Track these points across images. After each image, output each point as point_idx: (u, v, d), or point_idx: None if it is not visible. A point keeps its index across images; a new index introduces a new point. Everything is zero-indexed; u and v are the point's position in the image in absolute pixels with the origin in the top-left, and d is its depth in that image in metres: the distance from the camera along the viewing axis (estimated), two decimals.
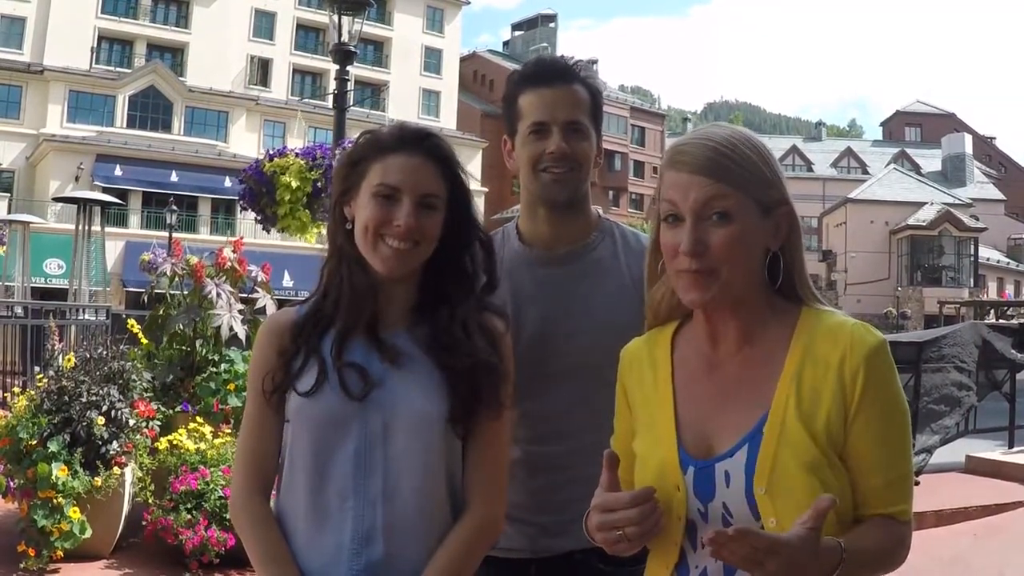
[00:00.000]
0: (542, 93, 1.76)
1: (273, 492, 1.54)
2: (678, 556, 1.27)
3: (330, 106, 7.82)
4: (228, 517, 3.88)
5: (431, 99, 45.85)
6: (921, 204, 46.06)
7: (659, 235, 1.29)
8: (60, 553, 4.00)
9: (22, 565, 3.95)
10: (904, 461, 1.22)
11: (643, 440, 1.34)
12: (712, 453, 1.25)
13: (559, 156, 1.74)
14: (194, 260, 5.40)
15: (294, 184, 5.86)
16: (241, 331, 5.10)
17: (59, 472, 4.00)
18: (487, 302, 1.56)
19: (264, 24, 41.01)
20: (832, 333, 1.23)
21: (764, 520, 1.17)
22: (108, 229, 17.08)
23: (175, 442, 4.52)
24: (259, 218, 6.35)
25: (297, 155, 6.14)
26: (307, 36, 42.46)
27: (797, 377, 1.21)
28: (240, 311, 5.25)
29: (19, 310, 9.82)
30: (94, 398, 4.28)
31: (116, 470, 4.21)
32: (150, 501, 4.39)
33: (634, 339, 1.44)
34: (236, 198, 7.80)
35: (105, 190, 25.90)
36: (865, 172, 60.17)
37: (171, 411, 4.94)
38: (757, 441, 1.21)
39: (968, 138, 60.54)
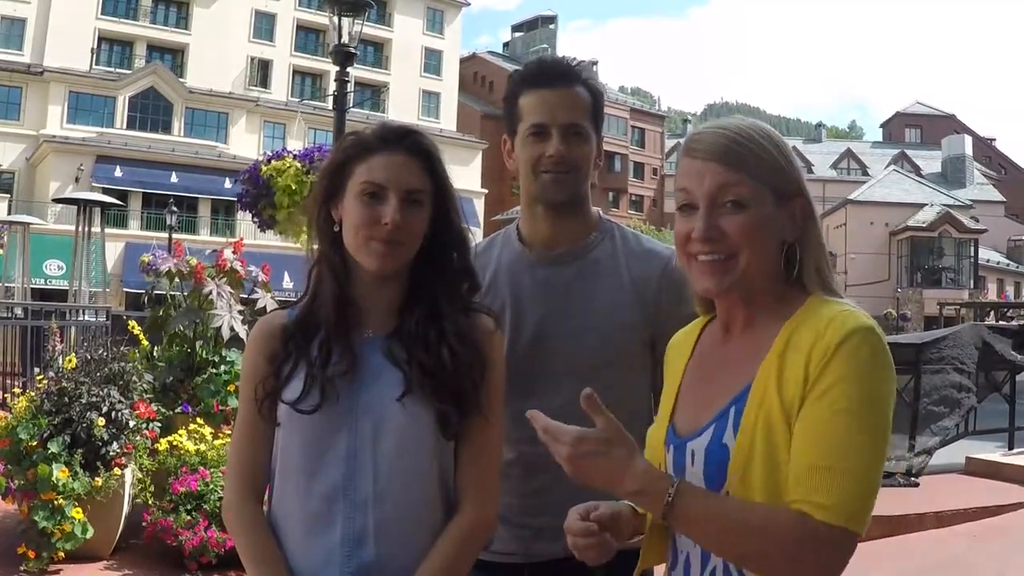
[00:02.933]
0: (543, 95, 1.75)
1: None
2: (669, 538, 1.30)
3: (330, 107, 7.83)
4: None
5: (431, 100, 45.84)
6: (921, 205, 46.02)
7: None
8: (61, 554, 4.00)
9: (23, 567, 3.95)
10: (843, 454, 1.06)
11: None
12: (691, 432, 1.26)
13: (557, 159, 1.73)
14: (195, 261, 5.40)
15: (292, 187, 5.88)
16: (242, 332, 5.11)
17: (60, 473, 4.00)
18: (474, 301, 1.56)
19: (264, 25, 41.00)
20: (819, 319, 1.16)
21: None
22: (108, 230, 17.06)
23: (175, 443, 4.52)
24: (256, 220, 6.37)
25: (296, 157, 6.15)
26: (307, 37, 42.45)
27: (779, 362, 1.16)
28: (240, 312, 5.25)
29: (19, 311, 9.82)
30: (94, 399, 4.28)
31: (116, 471, 4.21)
32: (150, 502, 4.39)
33: (681, 328, 1.46)
34: (236, 200, 7.82)
35: (105, 191, 25.88)
36: (865, 173, 60.16)
37: (171, 412, 4.94)
38: (723, 423, 1.19)
39: (968, 139, 60.48)
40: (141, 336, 5.58)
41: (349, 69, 7.34)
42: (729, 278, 1.21)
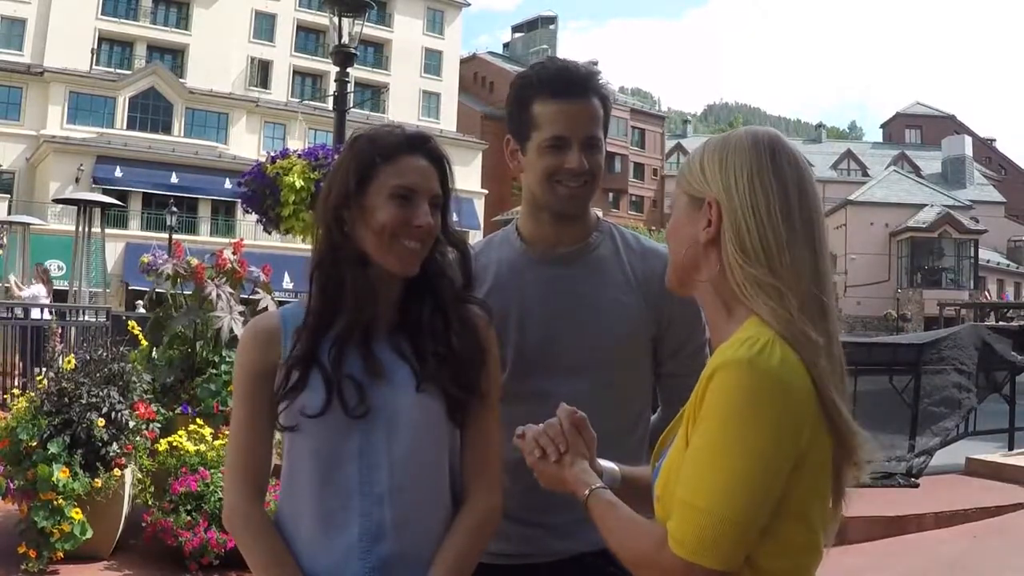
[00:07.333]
0: (563, 107, 1.73)
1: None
2: None
3: (330, 108, 7.82)
4: None
5: (431, 101, 45.86)
6: (921, 206, 46.05)
7: None
8: (60, 554, 4.00)
9: (23, 566, 3.95)
10: (697, 492, 1.08)
11: None
12: None
13: (578, 172, 1.73)
14: (195, 262, 5.40)
15: (298, 184, 5.85)
16: (241, 332, 5.10)
17: (60, 474, 4.00)
18: (467, 295, 1.58)
19: (264, 26, 41.02)
20: (724, 347, 1.15)
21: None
22: (108, 230, 17.07)
23: (175, 444, 4.52)
24: (262, 220, 6.35)
25: (300, 156, 6.14)
26: (307, 38, 42.47)
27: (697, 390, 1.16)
28: (241, 312, 5.25)
29: (19, 311, 9.83)
30: (94, 400, 4.28)
31: (116, 472, 4.21)
32: (150, 503, 4.39)
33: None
34: (236, 199, 7.81)
35: (105, 191, 25.88)
36: (865, 174, 60.15)
37: (171, 413, 4.94)
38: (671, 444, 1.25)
39: (968, 140, 60.49)
40: (141, 336, 5.58)
41: (349, 70, 7.34)
42: (668, 273, 1.34)
